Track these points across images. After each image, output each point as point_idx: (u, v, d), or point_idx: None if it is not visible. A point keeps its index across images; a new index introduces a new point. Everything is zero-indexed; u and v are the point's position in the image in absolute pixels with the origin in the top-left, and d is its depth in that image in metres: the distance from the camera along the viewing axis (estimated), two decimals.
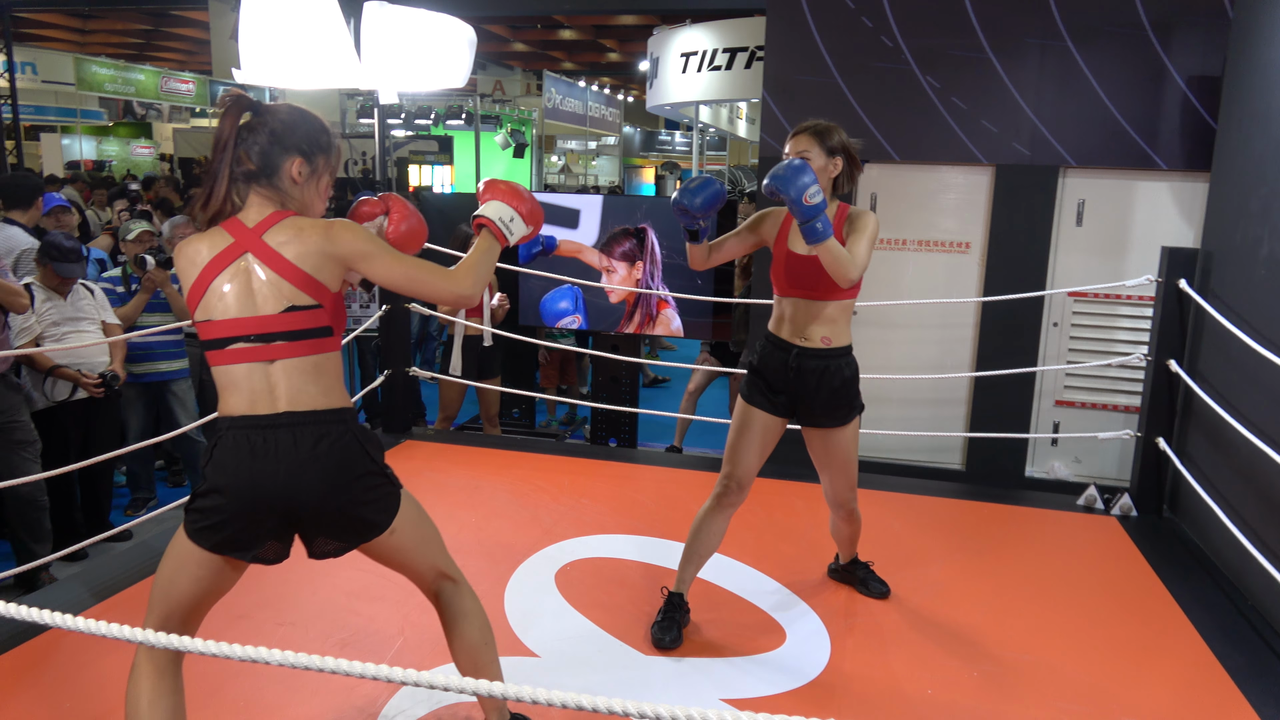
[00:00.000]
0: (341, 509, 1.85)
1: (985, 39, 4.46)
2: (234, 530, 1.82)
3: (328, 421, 1.83)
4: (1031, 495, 4.29)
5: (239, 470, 1.79)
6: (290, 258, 1.82)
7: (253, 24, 3.81)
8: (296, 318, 1.82)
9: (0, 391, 3.91)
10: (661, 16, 12.86)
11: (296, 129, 1.89)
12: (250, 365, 1.81)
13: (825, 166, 2.66)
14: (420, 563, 2.03)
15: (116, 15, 20.00)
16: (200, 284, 1.83)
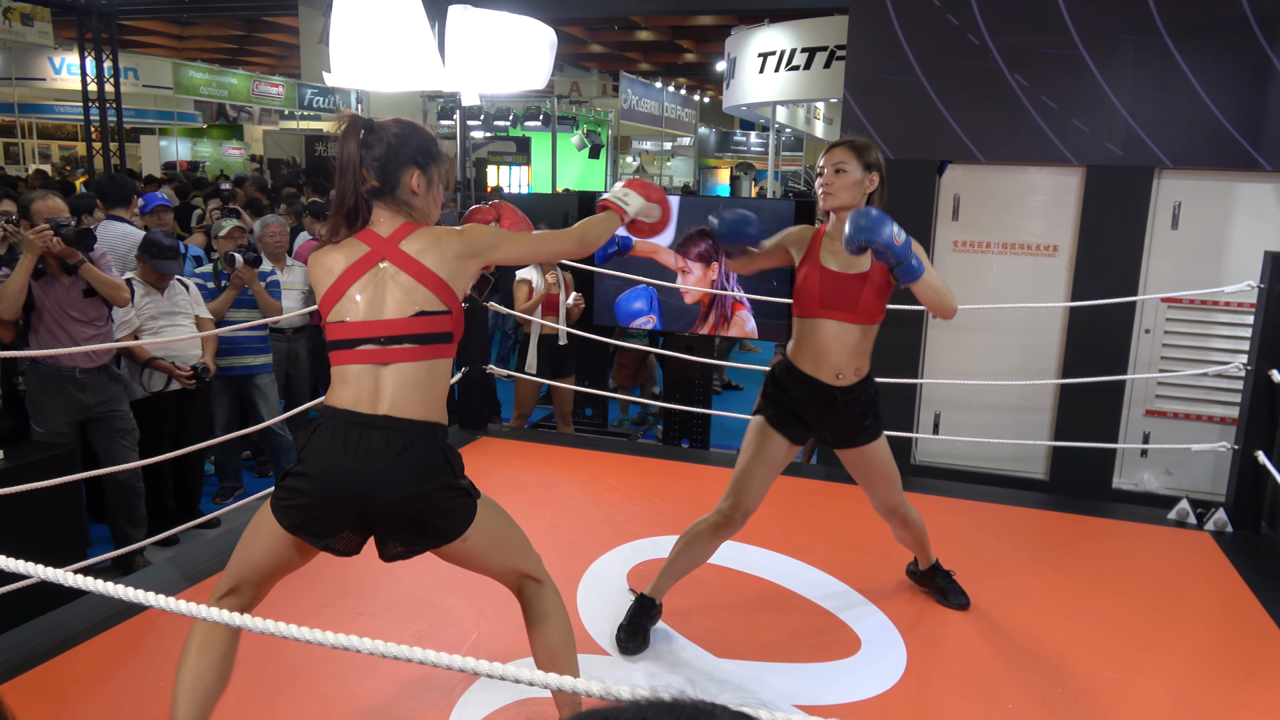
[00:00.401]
0: (415, 515, 1.91)
1: (1078, 36, 4.32)
2: (312, 515, 1.90)
3: (419, 431, 1.89)
4: (1119, 508, 4.14)
5: (329, 460, 1.87)
6: (429, 264, 1.92)
7: (342, 29, 3.92)
8: (424, 322, 1.91)
9: (102, 381, 4.10)
10: (740, 16, 12.80)
11: (409, 142, 1.98)
12: (366, 366, 1.90)
13: (861, 181, 2.60)
14: (497, 567, 2.10)
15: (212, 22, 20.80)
16: (337, 289, 1.93)
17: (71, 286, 3.93)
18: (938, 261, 4.73)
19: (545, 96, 16.36)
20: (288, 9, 16.79)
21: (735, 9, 11.89)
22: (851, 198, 2.61)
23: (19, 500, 3.00)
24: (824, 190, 2.62)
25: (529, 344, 5.45)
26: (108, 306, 4.07)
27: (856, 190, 2.60)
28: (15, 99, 18.36)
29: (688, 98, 23.14)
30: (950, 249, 4.72)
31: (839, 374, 2.62)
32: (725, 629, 2.88)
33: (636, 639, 2.73)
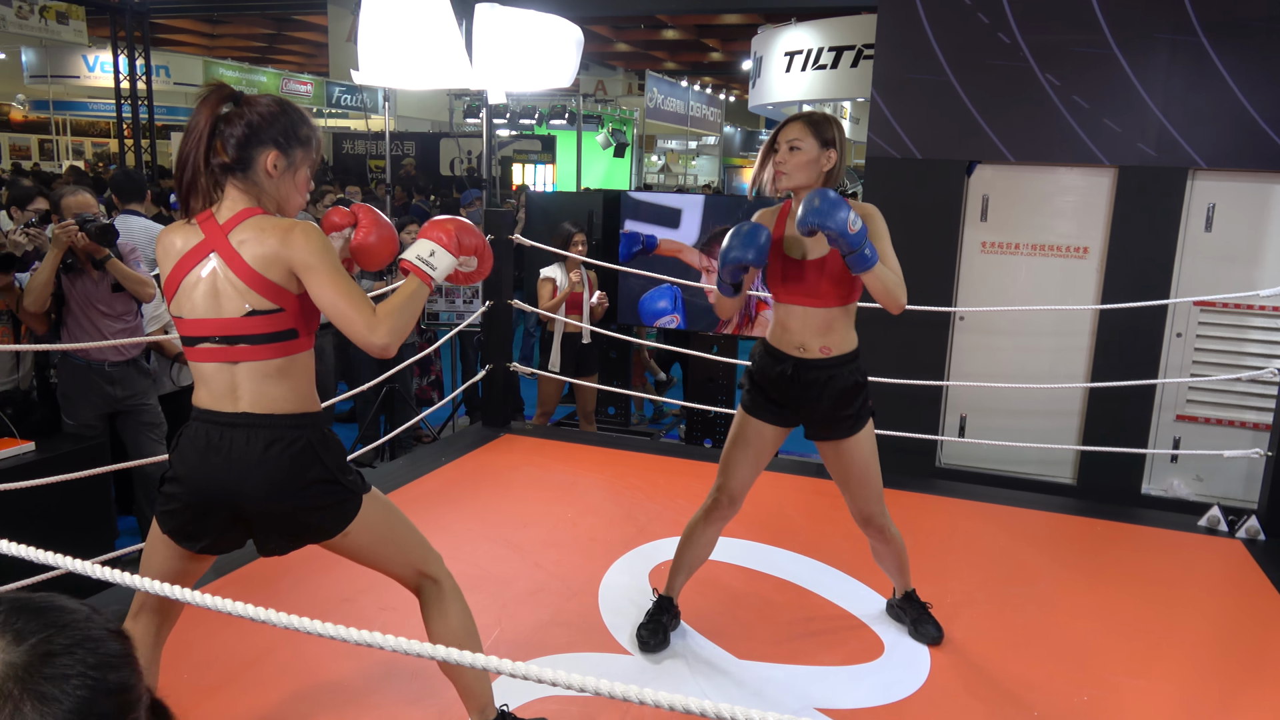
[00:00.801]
0: (287, 512, 1.85)
1: (1111, 35, 4.26)
2: (185, 519, 1.87)
3: (283, 426, 1.83)
4: (1148, 514, 4.08)
5: (194, 463, 1.83)
6: (247, 259, 1.79)
7: (371, 28, 3.94)
8: (258, 321, 1.80)
9: (131, 375, 4.14)
10: (766, 15, 12.75)
11: (275, 121, 1.85)
12: (218, 365, 1.83)
13: (818, 158, 2.44)
14: (388, 564, 2.03)
15: (242, 20, 21.01)
16: (173, 279, 1.84)
17: (100, 281, 3.97)
18: (966, 261, 4.68)
19: (571, 95, 16.38)
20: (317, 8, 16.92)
21: (762, 7, 11.84)
22: (807, 177, 2.45)
23: (50, 491, 3.04)
24: (778, 170, 2.46)
25: (552, 342, 5.46)
26: (136, 301, 4.12)
27: (813, 169, 2.44)
28: (50, 96, 18.63)
29: (713, 96, 23.09)
30: (978, 250, 4.67)
31: (801, 347, 2.52)
32: (747, 630, 2.86)
33: (657, 637, 2.72)
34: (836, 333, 2.51)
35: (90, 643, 0.73)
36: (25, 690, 0.68)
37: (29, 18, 13.24)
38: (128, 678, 0.74)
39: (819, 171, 2.45)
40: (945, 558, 3.46)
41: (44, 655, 0.70)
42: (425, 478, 4.07)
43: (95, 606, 0.78)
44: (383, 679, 2.50)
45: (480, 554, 3.31)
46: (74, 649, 0.72)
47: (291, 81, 19.31)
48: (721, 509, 2.69)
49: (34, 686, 0.68)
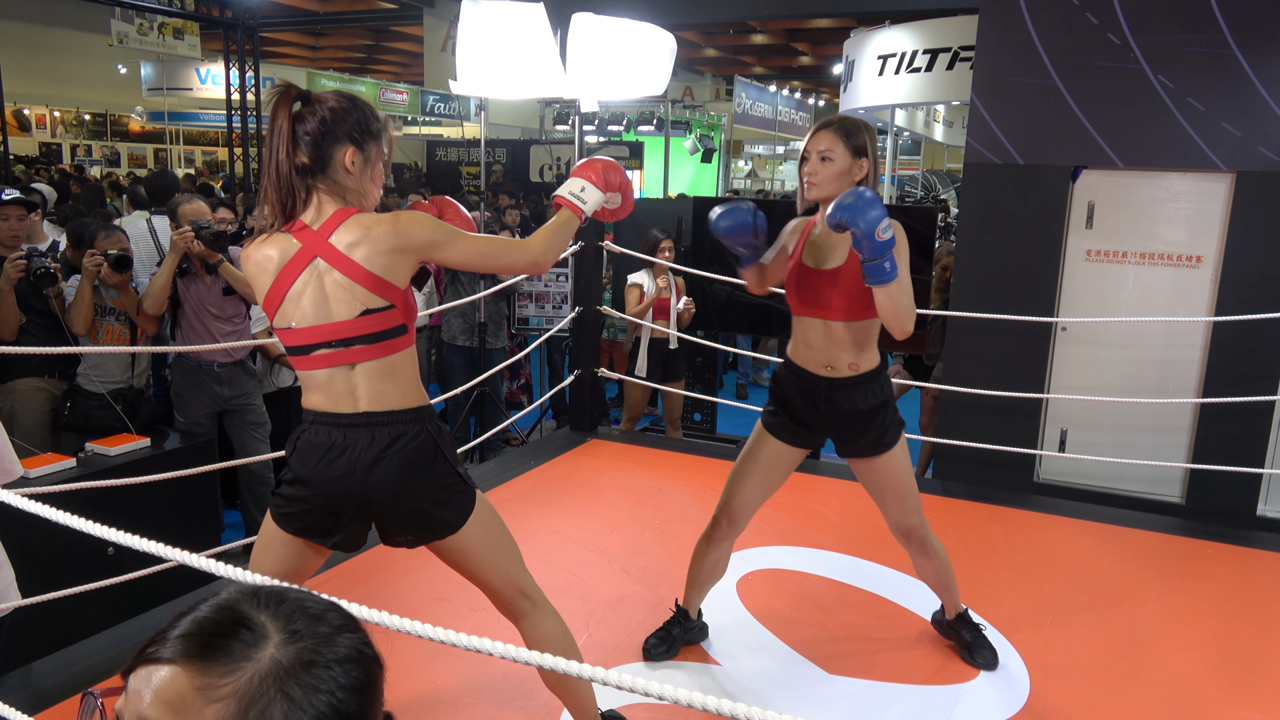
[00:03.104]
0: (414, 506, 1.88)
1: (1230, 34, 4.05)
2: (313, 519, 1.90)
3: (404, 421, 1.86)
4: (1265, 537, 3.86)
5: (319, 464, 1.85)
6: (359, 260, 1.80)
7: (469, 39, 4.02)
8: (372, 320, 1.82)
9: (239, 376, 4.33)
10: (859, 18, 12.57)
11: (347, 117, 1.84)
12: (332, 370, 1.84)
13: (849, 169, 2.36)
14: (493, 572, 2.01)
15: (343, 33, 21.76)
16: (276, 292, 1.83)
17: (212, 285, 4.16)
18: (1070, 270, 4.52)
19: (659, 101, 16.43)
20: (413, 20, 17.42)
21: (854, 11, 11.69)
22: (839, 188, 2.36)
23: (161, 485, 3.19)
24: (808, 180, 2.39)
25: (639, 348, 5.48)
26: (245, 304, 4.30)
27: (844, 180, 2.37)
28: (165, 108, 19.62)
29: (802, 101, 22.85)
30: (1083, 258, 4.50)
31: (829, 365, 2.44)
32: (837, 644, 2.82)
33: (662, 647, 2.70)
34: (861, 348, 2.44)
35: (349, 664, 0.74)
36: (281, 691, 0.70)
37: (148, 34, 13.98)
38: (366, 706, 0.75)
39: (850, 181, 2.38)
40: (1044, 577, 3.34)
41: (308, 663, 0.72)
42: (514, 481, 4.13)
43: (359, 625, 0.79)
44: (473, 679, 2.54)
45: (568, 558, 3.34)
46: (334, 665, 0.73)
47: (388, 91, 19.90)
48: (720, 529, 2.62)
49: (289, 689, 0.70)
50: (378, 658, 0.79)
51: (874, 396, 2.45)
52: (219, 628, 0.72)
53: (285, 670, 0.70)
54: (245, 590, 0.77)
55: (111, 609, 3.03)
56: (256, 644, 0.71)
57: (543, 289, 6.20)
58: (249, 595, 0.76)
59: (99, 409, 3.98)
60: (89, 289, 3.90)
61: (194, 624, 0.72)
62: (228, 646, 0.71)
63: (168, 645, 0.71)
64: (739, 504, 2.60)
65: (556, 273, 6.15)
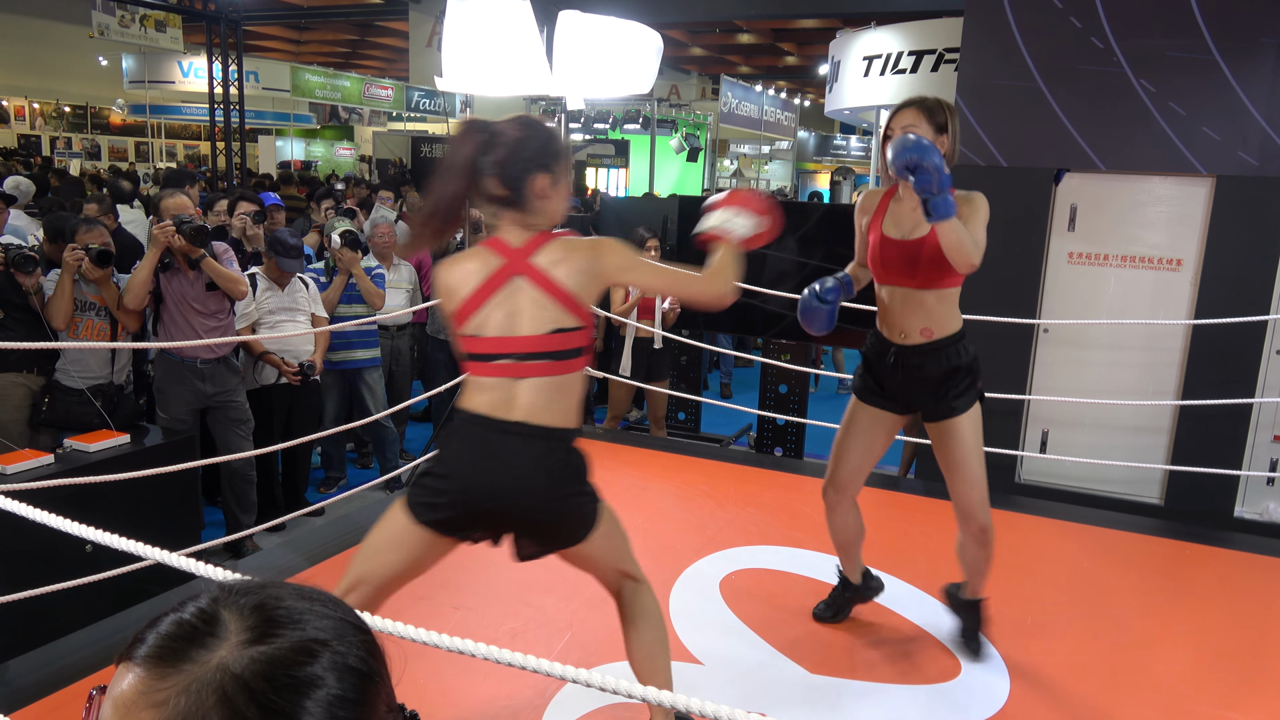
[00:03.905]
0: (551, 518, 1.96)
1: (1212, 39, 4.09)
2: (453, 514, 1.94)
3: (555, 438, 1.93)
4: (1241, 538, 3.90)
5: (470, 463, 1.92)
6: (558, 279, 1.90)
7: (455, 35, 4.01)
8: (559, 339, 1.92)
9: (222, 372, 4.29)
10: (845, 19, 12.60)
11: (530, 145, 1.92)
12: (504, 379, 1.92)
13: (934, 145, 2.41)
14: (605, 566, 2.11)
15: (328, 27, 21.62)
16: (473, 302, 1.93)
17: (195, 280, 4.12)
18: (1052, 272, 4.55)
19: (645, 99, 16.43)
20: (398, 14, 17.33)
21: (841, 11, 11.72)
22: None
23: (141, 482, 3.17)
24: None
25: (624, 346, 5.47)
26: (229, 300, 4.26)
27: None
28: (147, 101, 19.45)
29: (788, 101, 22.89)
30: (1065, 260, 4.54)
31: (903, 333, 2.54)
32: (819, 644, 2.83)
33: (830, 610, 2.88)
34: (937, 315, 2.50)
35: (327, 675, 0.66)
36: (221, 698, 0.62)
37: (130, 26, 13.84)
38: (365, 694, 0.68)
39: None
40: (1025, 577, 3.36)
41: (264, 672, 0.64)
42: None
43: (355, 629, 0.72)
44: (455, 680, 2.54)
45: (551, 558, 3.33)
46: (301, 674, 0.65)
47: (373, 86, 19.80)
48: (830, 500, 2.74)
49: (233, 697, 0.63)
50: (371, 671, 0.70)
51: (949, 361, 2.51)
52: (182, 627, 0.67)
53: (233, 676, 0.63)
54: (227, 587, 0.70)
55: (90, 607, 3.01)
56: (209, 646, 0.65)
57: None
58: (227, 592, 0.70)
59: (78, 405, 3.95)
60: (69, 283, 3.86)
61: (167, 623, 0.68)
62: (184, 648, 0.65)
63: (139, 644, 0.67)
64: (845, 473, 2.71)
65: None
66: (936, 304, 2.50)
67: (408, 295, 5.75)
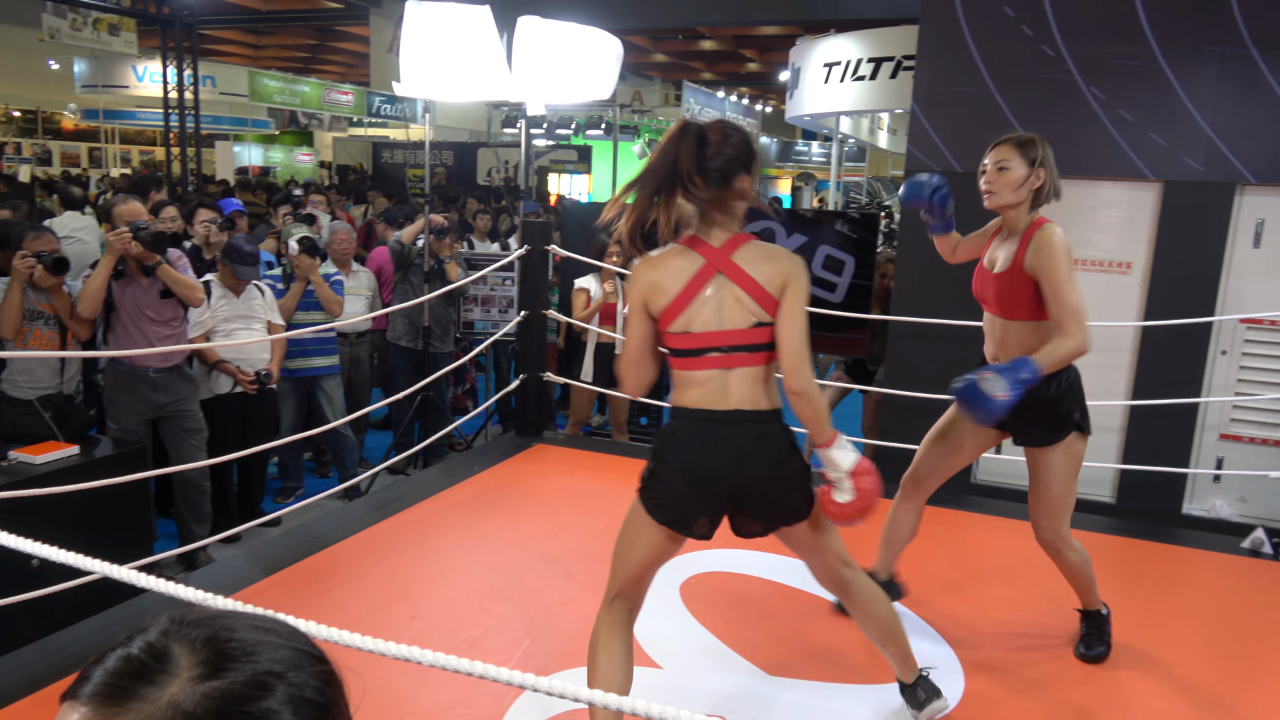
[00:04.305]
0: (774, 495, 2.11)
1: (1158, 47, 4.19)
2: (680, 507, 2.10)
3: (767, 420, 2.09)
4: (1189, 534, 3.99)
5: (694, 455, 2.07)
6: (759, 278, 2.05)
7: (413, 40, 3.99)
8: (760, 332, 2.06)
9: (175, 381, 4.22)
10: (805, 26, 12.72)
11: (742, 146, 2.07)
12: (714, 371, 2.07)
13: (1027, 178, 2.57)
14: (825, 549, 2.23)
15: (287, 31, 21.40)
16: (683, 299, 2.07)
17: (149, 288, 4.05)
18: None
19: (607, 105, 16.43)
20: (359, 19, 17.20)
21: (801, 19, 11.83)
22: (1016, 196, 2.58)
23: (91, 494, 3.10)
24: (986, 188, 2.61)
25: (585, 352, 5.47)
26: (183, 307, 4.20)
27: (1021, 188, 2.57)
28: (100, 105, 19.09)
29: (750, 107, 23.04)
30: None
31: (995, 356, 2.71)
32: (778, 646, 2.84)
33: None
34: (1025, 346, 2.58)
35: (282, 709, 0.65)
36: None
37: (82, 29, 13.58)
38: None
39: (1028, 190, 2.59)
40: (982, 576, 3.41)
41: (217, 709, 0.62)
42: (458, 486, 4.10)
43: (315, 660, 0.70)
44: (414, 686, 2.51)
45: (512, 564, 3.32)
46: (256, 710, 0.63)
47: (333, 91, 19.60)
48: (906, 490, 2.87)
49: None
50: (328, 703, 0.68)
51: (1035, 393, 2.52)
52: (130, 664, 0.64)
53: (184, 714, 0.61)
54: (177, 618, 0.68)
55: (39, 621, 2.93)
56: (159, 683, 0.62)
57: (489, 293, 6.16)
58: (178, 624, 0.67)
59: (26, 416, 3.85)
60: (18, 292, 3.78)
61: (114, 659, 0.65)
62: (132, 686, 0.63)
63: (84, 683, 0.64)
64: (924, 470, 2.84)
65: (502, 276, 6.12)
66: (1024, 335, 2.60)
67: (367, 302, 5.70)
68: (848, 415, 7.02)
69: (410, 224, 6.00)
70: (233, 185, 11.45)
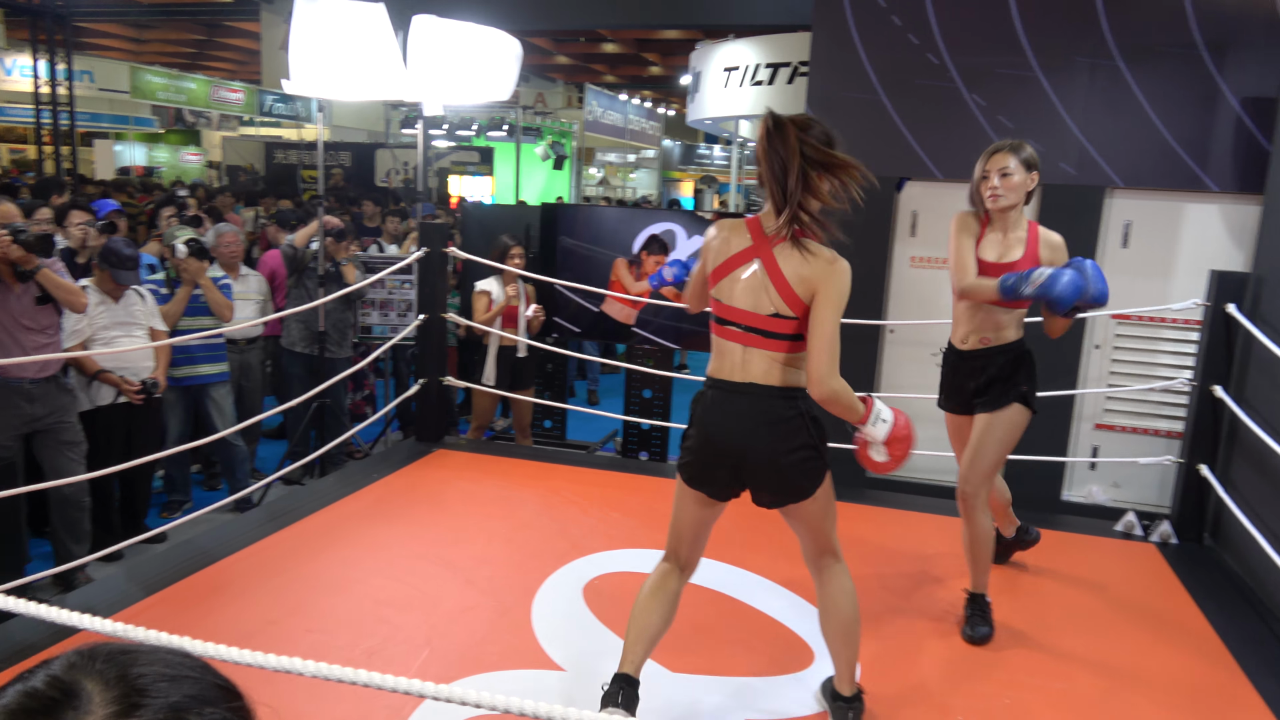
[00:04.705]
0: (779, 469, 2.19)
1: (1034, 57, 4.40)
2: (700, 468, 2.26)
3: (779, 397, 2.19)
4: (1068, 520, 4.20)
5: (711, 420, 2.23)
6: (786, 274, 2.15)
7: (303, 36, 3.88)
8: (777, 323, 2.18)
9: (51, 392, 3.99)
10: (705, 31, 12.88)
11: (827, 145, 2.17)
12: (735, 345, 2.22)
13: (1025, 181, 2.87)
14: (820, 534, 2.33)
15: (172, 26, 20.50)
16: (724, 268, 2.22)
17: (23, 294, 3.83)
18: (896, 276, 4.79)
19: (510, 107, 16.32)
20: (249, 14, 16.61)
21: (701, 24, 11.96)
22: (1018, 198, 2.88)
23: None
24: (993, 194, 2.88)
25: (488, 355, 5.41)
26: (58, 313, 3.98)
27: (1021, 191, 2.87)
28: None
29: (652, 110, 23.23)
30: (908, 264, 4.78)
31: (964, 340, 3.00)
32: (680, 643, 2.87)
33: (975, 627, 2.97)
34: (1005, 327, 2.95)
35: None
36: None
37: None
38: None
39: (1025, 192, 2.89)
40: (875, 568, 3.51)
41: None
42: (356, 494, 4.00)
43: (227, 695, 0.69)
44: (309, 701, 2.44)
45: (412, 572, 3.26)
46: None
47: (222, 89, 18.89)
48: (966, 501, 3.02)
49: None
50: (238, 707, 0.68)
51: (1002, 363, 2.94)
52: (36, 700, 0.61)
53: None
54: (84, 652, 0.66)
55: None
56: None
57: (387, 296, 6.04)
58: (86, 659, 0.65)
59: None
60: None
61: (13, 695, 0.62)
62: None
63: None
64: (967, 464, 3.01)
65: (401, 279, 6.01)
66: (995, 316, 2.95)
67: (257, 307, 5.52)
68: None
69: (304, 226, 5.83)
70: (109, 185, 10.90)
